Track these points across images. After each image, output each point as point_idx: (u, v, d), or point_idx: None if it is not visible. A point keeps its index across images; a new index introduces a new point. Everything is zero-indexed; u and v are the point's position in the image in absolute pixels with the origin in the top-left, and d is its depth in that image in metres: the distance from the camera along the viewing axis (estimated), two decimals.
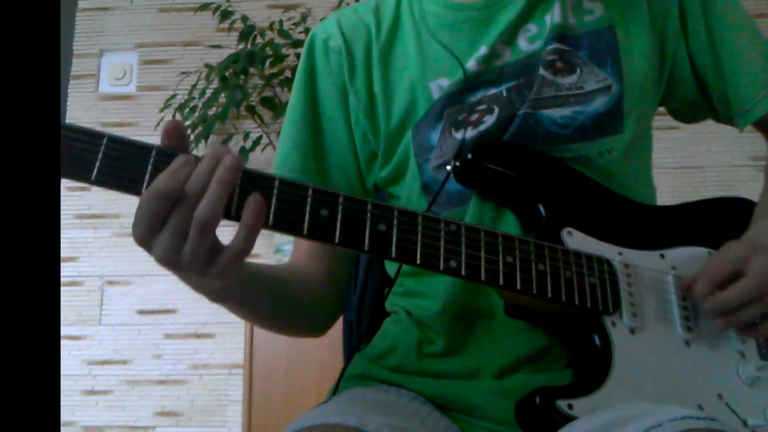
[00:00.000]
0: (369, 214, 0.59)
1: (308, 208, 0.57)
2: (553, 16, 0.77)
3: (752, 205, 0.81)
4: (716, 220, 0.79)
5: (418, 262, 0.60)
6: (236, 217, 0.55)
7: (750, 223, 0.77)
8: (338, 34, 0.83)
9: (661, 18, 0.80)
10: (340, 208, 0.58)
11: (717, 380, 0.68)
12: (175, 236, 0.53)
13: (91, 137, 0.52)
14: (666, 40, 0.80)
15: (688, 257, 0.73)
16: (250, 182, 0.56)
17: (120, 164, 0.52)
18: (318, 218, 0.57)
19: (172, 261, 0.54)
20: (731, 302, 0.66)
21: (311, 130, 0.83)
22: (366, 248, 0.59)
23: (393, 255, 0.60)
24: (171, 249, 0.54)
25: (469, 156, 0.72)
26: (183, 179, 0.53)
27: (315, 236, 0.57)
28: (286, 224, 0.57)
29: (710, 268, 0.68)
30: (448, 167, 0.73)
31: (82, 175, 0.51)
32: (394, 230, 0.60)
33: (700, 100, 0.83)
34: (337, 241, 0.58)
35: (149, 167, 0.53)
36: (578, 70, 0.76)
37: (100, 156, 0.52)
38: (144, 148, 0.54)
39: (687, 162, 2.25)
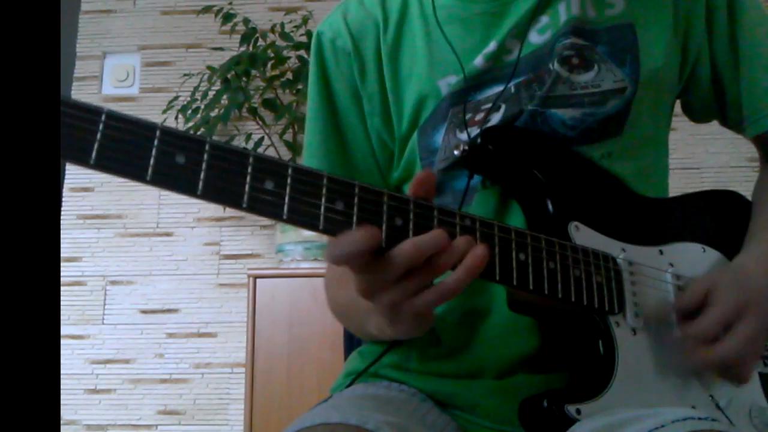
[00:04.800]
0: (385, 207, 0.55)
1: (323, 200, 0.53)
2: (571, 7, 0.74)
3: (742, 200, 0.81)
4: (709, 214, 0.79)
5: None
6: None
7: (744, 240, 0.76)
8: (346, 33, 0.80)
9: (687, 17, 0.77)
10: (356, 200, 0.54)
11: (709, 381, 0.68)
12: (406, 296, 0.54)
13: (88, 113, 0.46)
14: (690, 39, 0.78)
15: (684, 253, 0.73)
16: (264, 171, 0.51)
17: (122, 146, 0.47)
18: (333, 212, 0.53)
19: (392, 312, 0.56)
20: (711, 362, 0.66)
21: (335, 141, 0.81)
22: (383, 245, 0.54)
23: None
24: (396, 305, 0.55)
25: (479, 141, 0.70)
26: (428, 253, 0.53)
27: (329, 231, 0.53)
28: (301, 219, 0.52)
29: (702, 323, 0.65)
30: (456, 152, 0.71)
31: (79, 157, 0.46)
32: (411, 225, 0.55)
33: (712, 101, 0.81)
34: None
35: (154, 150, 0.48)
36: (596, 67, 0.73)
37: (98, 136, 0.46)
38: (147, 128, 0.48)
39: (684, 163, 2.26)
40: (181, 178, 0.49)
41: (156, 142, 0.48)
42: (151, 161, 0.48)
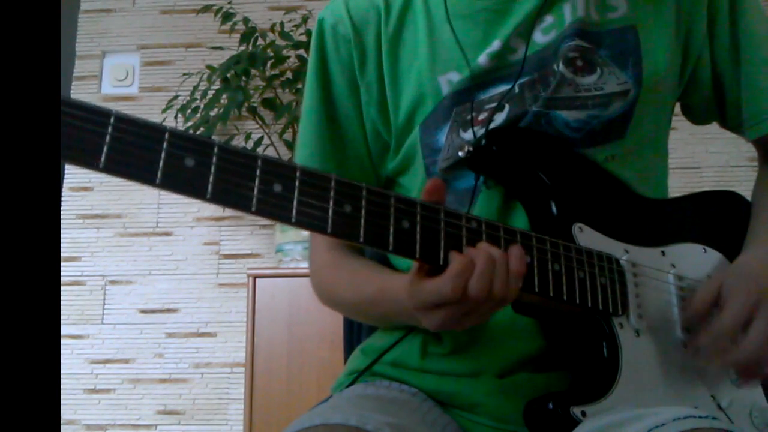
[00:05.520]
0: (393, 209, 0.56)
1: (331, 203, 0.53)
2: (575, 9, 0.74)
3: (742, 200, 0.82)
4: (709, 214, 0.79)
5: (441, 263, 0.57)
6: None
7: (745, 240, 0.77)
8: (347, 19, 0.79)
9: (688, 20, 0.77)
10: (363, 203, 0.54)
11: (710, 382, 0.69)
12: (478, 319, 0.59)
13: (96, 115, 0.46)
14: (691, 43, 0.78)
15: (685, 254, 0.73)
16: (273, 174, 0.51)
17: (131, 149, 0.46)
18: (340, 214, 0.53)
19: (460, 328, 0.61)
20: (733, 364, 0.66)
21: (329, 128, 0.81)
22: (390, 248, 0.55)
23: (417, 255, 0.56)
24: (468, 324, 0.60)
25: (483, 142, 0.70)
26: (489, 283, 0.56)
27: (337, 234, 0.53)
28: (309, 222, 0.52)
29: (719, 326, 0.65)
30: (460, 153, 0.71)
31: (88, 161, 0.45)
32: (418, 227, 0.56)
33: (713, 103, 0.82)
34: (361, 240, 0.54)
35: (163, 153, 0.47)
36: (598, 70, 0.73)
37: (107, 139, 0.46)
38: (156, 130, 0.48)
39: (685, 163, 2.26)
40: (191, 182, 0.48)
41: (165, 145, 0.48)
42: (160, 164, 0.47)
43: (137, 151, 0.47)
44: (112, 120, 0.46)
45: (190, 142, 0.49)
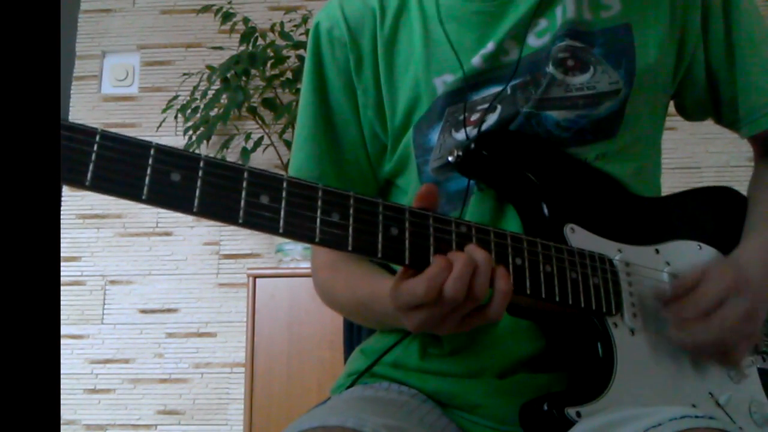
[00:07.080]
0: (381, 217, 0.56)
1: (318, 212, 0.53)
2: (566, 10, 0.74)
3: (737, 196, 0.82)
4: (704, 211, 0.79)
5: None
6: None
7: (742, 235, 0.77)
8: (342, 23, 0.80)
9: (682, 18, 0.77)
10: (351, 211, 0.55)
11: (708, 379, 0.69)
12: (460, 325, 0.60)
13: (82, 134, 0.47)
14: (685, 41, 0.78)
15: (680, 252, 0.73)
16: (259, 185, 0.52)
17: (117, 166, 0.48)
18: (328, 224, 0.54)
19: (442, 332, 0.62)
20: (696, 338, 0.66)
21: (325, 131, 0.81)
22: (379, 255, 0.55)
23: (406, 262, 0.57)
24: (451, 329, 0.60)
25: (473, 146, 0.70)
26: (467, 286, 0.56)
27: (326, 243, 0.54)
28: (297, 232, 0.53)
29: (690, 301, 0.66)
30: (450, 158, 0.71)
31: (74, 179, 0.46)
32: (407, 234, 0.57)
33: (708, 100, 0.82)
34: (350, 248, 0.54)
35: (149, 169, 0.48)
36: (591, 69, 0.73)
37: (93, 157, 0.47)
38: (141, 147, 0.49)
39: (685, 162, 2.26)
40: (177, 196, 0.50)
41: (150, 161, 0.49)
42: (146, 180, 0.48)
43: (123, 168, 0.48)
44: (97, 138, 0.47)
45: (176, 157, 0.50)
